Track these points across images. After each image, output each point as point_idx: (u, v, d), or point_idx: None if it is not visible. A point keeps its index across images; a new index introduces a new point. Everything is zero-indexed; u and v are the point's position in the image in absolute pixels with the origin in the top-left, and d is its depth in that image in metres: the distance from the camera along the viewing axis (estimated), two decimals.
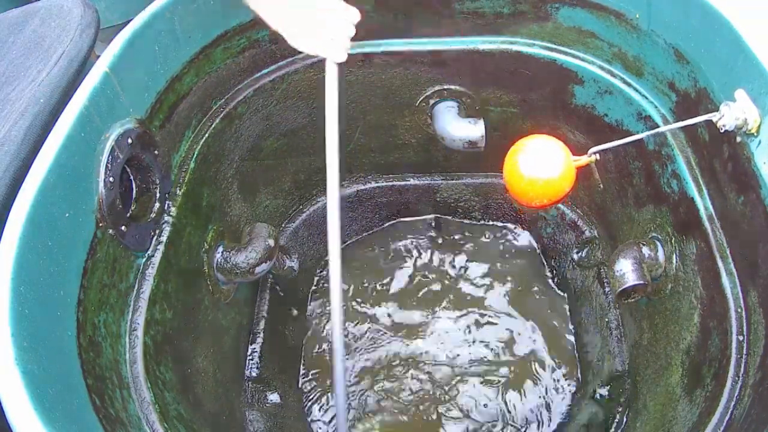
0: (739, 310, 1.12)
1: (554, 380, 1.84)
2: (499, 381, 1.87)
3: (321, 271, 2.01)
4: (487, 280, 2.01)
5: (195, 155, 1.37)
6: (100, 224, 1.04)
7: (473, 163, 1.87)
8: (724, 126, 1.03)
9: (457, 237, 2.08)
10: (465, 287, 2.01)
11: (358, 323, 1.97)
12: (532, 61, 1.51)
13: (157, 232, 1.23)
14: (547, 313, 1.94)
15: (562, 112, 1.59)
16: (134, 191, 1.22)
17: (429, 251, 2.05)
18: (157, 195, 1.24)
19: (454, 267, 2.04)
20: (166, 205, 1.27)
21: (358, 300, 2.01)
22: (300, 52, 1.54)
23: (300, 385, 1.82)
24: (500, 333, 1.94)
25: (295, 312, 1.87)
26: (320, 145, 1.79)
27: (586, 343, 1.78)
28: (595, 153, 1.13)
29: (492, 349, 1.92)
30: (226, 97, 1.47)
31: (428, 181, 1.93)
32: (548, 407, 1.79)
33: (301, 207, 1.92)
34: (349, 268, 2.03)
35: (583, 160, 1.14)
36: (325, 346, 1.93)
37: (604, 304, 1.68)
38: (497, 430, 1.78)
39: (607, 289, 1.69)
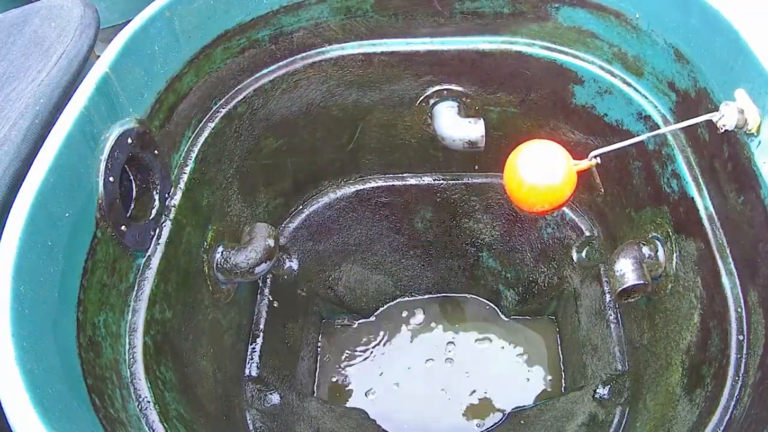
0: (739, 310, 1.12)
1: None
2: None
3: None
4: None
5: (195, 155, 1.37)
6: (100, 224, 1.04)
7: (473, 163, 1.87)
8: (724, 126, 1.03)
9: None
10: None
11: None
12: (532, 61, 1.50)
13: (157, 232, 1.23)
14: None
15: (562, 112, 1.59)
16: (134, 191, 1.22)
17: None
18: (157, 195, 1.24)
19: None
20: (166, 205, 1.27)
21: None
22: (300, 52, 1.55)
23: None
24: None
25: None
26: (320, 145, 1.80)
27: (586, 343, 1.78)
28: (595, 157, 1.12)
29: None
30: (226, 97, 1.47)
31: (428, 181, 1.93)
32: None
33: (301, 207, 1.91)
34: None
35: (584, 164, 1.13)
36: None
37: (604, 304, 1.68)
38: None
39: (607, 289, 1.69)
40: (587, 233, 1.82)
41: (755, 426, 0.99)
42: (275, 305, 1.77)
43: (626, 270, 1.32)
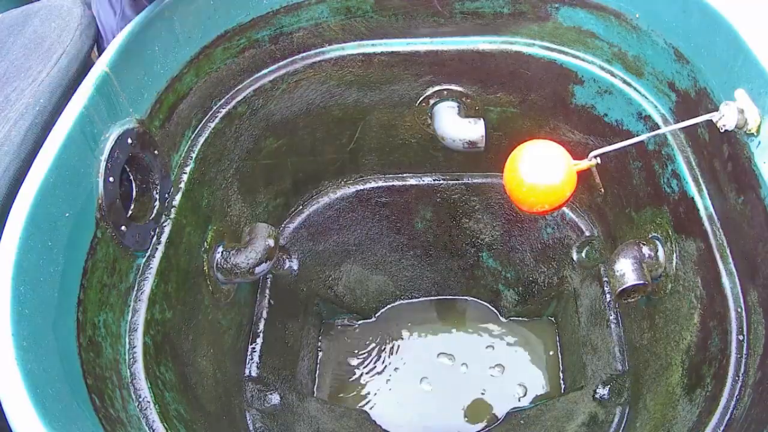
0: (739, 310, 1.11)
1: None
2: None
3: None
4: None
5: (195, 155, 1.37)
6: (100, 224, 1.04)
7: (473, 163, 1.87)
8: (724, 126, 1.03)
9: None
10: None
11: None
12: (532, 61, 1.50)
13: (157, 232, 1.23)
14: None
15: (562, 112, 1.59)
16: (134, 191, 1.22)
17: None
18: (157, 195, 1.24)
19: None
20: (166, 205, 1.27)
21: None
22: (300, 52, 1.55)
23: None
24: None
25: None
26: (320, 145, 1.80)
27: (586, 343, 1.78)
28: (595, 157, 1.12)
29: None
30: (226, 97, 1.47)
31: (428, 181, 1.93)
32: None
33: (301, 207, 1.91)
34: None
35: (584, 164, 1.13)
36: None
37: (604, 304, 1.68)
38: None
39: (607, 289, 1.69)
40: (587, 233, 1.82)
41: (755, 426, 0.99)
42: (272, 303, 1.77)
43: (626, 270, 1.32)
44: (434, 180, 1.93)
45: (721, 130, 1.04)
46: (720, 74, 1.13)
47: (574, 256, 1.85)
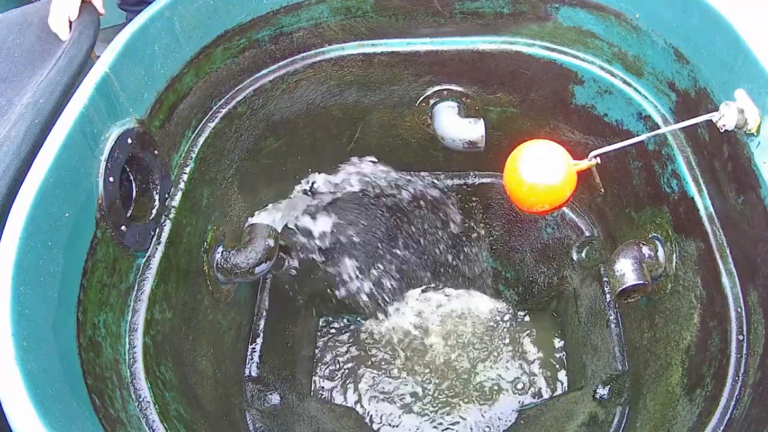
0: (739, 310, 1.11)
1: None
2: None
3: None
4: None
5: (195, 155, 1.37)
6: (100, 224, 1.04)
7: (473, 163, 1.87)
8: (724, 126, 1.03)
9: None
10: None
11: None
12: (532, 61, 1.50)
13: (157, 232, 1.23)
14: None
15: (562, 112, 1.59)
16: (134, 191, 1.22)
17: None
18: (157, 195, 1.24)
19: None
20: (166, 205, 1.27)
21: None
22: (300, 52, 1.55)
23: None
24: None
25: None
26: (320, 145, 1.80)
27: (586, 343, 1.78)
28: (595, 157, 1.12)
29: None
30: (226, 97, 1.47)
31: (428, 181, 1.92)
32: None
33: None
34: None
35: (584, 164, 1.13)
36: None
37: (604, 304, 1.68)
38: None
39: (607, 289, 1.69)
40: (587, 233, 1.81)
41: (755, 426, 0.99)
42: (272, 303, 1.77)
43: (626, 270, 1.32)
44: (434, 180, 1.93)
45: (721, 130, 1.04)
46: (720, 74, 1.13)
47: (574, 256, 1.85)
